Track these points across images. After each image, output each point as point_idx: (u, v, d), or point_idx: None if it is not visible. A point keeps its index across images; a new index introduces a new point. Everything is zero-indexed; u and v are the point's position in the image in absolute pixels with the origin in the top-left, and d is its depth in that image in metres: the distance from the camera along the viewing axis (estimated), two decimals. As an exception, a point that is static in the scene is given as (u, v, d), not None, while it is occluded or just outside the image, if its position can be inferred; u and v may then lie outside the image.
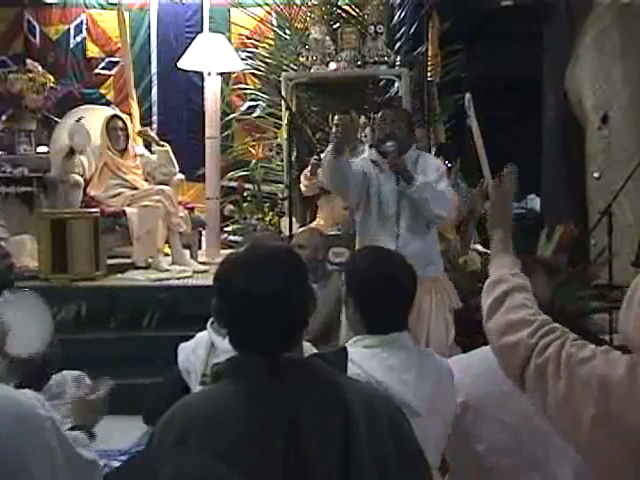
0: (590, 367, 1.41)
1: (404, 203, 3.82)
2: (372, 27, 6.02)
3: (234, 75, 6.98)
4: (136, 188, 5.89)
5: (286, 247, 1.58)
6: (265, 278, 1.48)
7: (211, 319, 2.72)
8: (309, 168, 5.65)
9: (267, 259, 1.53)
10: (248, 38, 7.09)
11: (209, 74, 6.17)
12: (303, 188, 5.71)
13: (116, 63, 7.17)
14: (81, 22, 7.20)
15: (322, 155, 5.72)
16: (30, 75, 6.66)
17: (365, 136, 6.31)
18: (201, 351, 2.57)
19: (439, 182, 3.79)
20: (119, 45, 6.98)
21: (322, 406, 1.45)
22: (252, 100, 7.03)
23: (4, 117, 6.60)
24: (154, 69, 7.21)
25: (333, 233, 5.28)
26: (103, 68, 7.24)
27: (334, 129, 5.67)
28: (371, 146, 4.28)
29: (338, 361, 1.56)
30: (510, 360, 1.57)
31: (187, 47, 6.24)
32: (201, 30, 6.73)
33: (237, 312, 1.50)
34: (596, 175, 5.76)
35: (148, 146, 6.23)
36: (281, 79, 6.16)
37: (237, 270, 1.52)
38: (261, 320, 1.47)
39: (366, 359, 2.03)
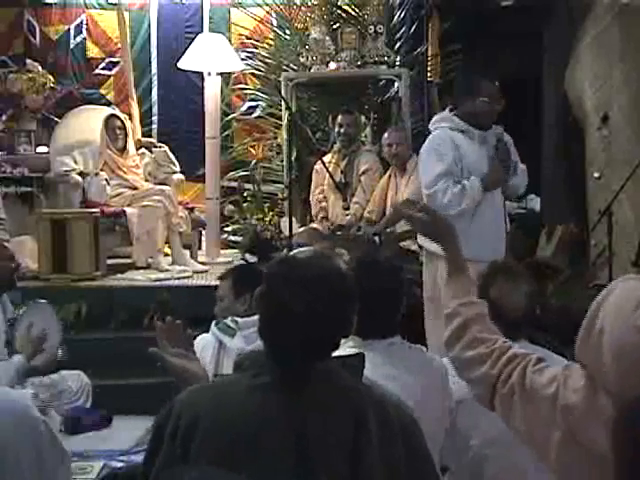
0: (551, 394, 1.45)
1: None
2: (372, 27, 6.01)
3: (234, 75, 6.98)
4: (136, 188, 5.90)
5: (341, 269, 1.55)
6: (308, 297, 1.46)
7: (215, 320, 2.72)
8: (317, 212, 5.66)
9: (316, 276, 1.50)
10: (248, 38, 7.09)
11: (209, 74, 6.17)
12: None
13: (116, 63, 7.17)
14: (81, 22, 7.20)
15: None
16: (30, 75, 6.65)
17: (365, 136, 6.31)
18: (208, 353, 2.57)
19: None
20: (119, 45, 6.98)
21: (334, 414, 1.45)
22: (252, 100, 7.03)
23: (4, 117, 6.60)
24: (154, 69, 7.21)
25: (333, 233, 5.27)
26: (103, 68, 7.24)
27: (337, 128, 5.66)
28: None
29: (355, 364, 1.56)
30: (479, 391, 1.62)
31: (187, 47, 6.24)
32: (201, 30, 6.74)
33: (272, 325, 1.50)
34: (596, 175, 5.75)
35: (148, 148, 6.24)
36: (281, 79, 6.15)
37: (283, 282, 1.50)
38: (295, 337, 1.47)
39: None
